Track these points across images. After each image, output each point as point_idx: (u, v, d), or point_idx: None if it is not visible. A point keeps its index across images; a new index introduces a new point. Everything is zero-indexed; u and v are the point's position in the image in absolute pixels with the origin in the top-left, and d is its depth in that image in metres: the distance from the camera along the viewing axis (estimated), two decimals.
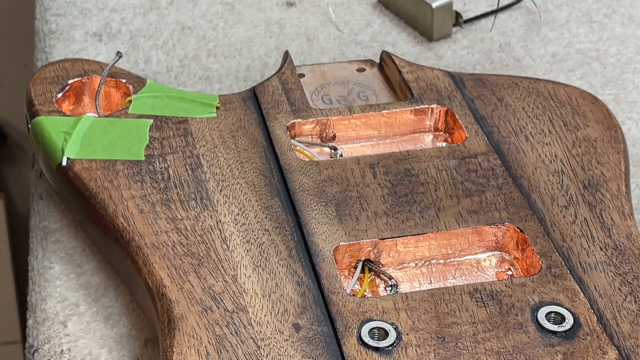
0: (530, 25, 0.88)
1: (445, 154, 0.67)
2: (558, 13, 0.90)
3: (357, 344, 0.54)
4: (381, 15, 0.90)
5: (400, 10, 0.89)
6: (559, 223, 0.62)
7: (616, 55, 0.84)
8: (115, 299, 0.64)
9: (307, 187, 0.64)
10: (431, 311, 0.56)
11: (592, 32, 0.87)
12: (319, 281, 0.58)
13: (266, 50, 0.85)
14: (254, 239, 0.61)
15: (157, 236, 0.60)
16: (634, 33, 0.87)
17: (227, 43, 0.86)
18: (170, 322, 0.55)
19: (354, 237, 0.61)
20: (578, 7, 0.90)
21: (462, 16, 0.87)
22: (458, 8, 0.87)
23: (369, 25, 0.88)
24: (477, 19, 0.89)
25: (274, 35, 0.87)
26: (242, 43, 0.86)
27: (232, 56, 0.85)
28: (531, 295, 0.57)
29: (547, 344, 0.54)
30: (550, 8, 0.90)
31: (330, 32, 0.87)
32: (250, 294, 0.57)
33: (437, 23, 0.86)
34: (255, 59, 0.84)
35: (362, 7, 0.91)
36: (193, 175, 0.65)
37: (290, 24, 0.89)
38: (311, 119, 0.70)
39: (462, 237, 0.62)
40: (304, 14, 0.90)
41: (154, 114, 0.69)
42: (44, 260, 0.67)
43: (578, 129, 0.69)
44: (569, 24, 0.88)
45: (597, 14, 0.89)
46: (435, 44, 0.86)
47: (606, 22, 0.88)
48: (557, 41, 0.86)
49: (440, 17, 0.86)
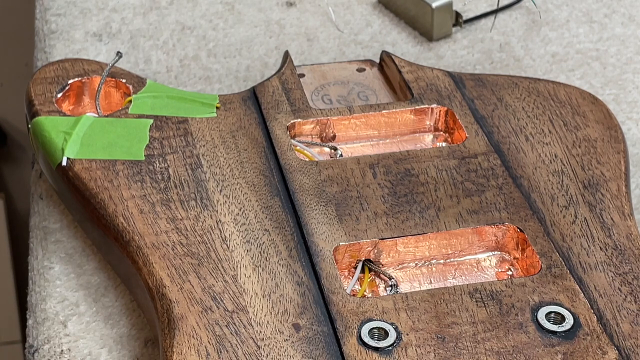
0: (530, 25, 0.88)
1: (445, 154, 0.67)
2: (558, 13, 0.90)
3: (357, 344, 0.54)
4: (381, 15, 0.90)
5: (400, 10, 0.89)
6: (559, 223, 0.62)
7: (616, 55, 0.84)
8: (115, 299, 0.64)
9: (307, 187, 0.64)
10: (431, 311, 0.56)
11: (592, 32, 0.87)
12: (319, 281, 0.58)
13: (266, 50, 0.85)
14: (254, 239, 0.61)
15: (157, 236, 0.60)
16: (634, 33, 0.87)
17: (227, 43, 0.86)
18: (170, 322, 0.55)
19: (354, 237, 0.61)
20: (578, 7, 0.90)
21: (462, 16, 0.87)
22: (458, 8, 0.87)
23: (369, 25, 0.89)
24: (477, 19, 0.89)
25: (274, 35, 0.87)
26: (242, 43, 0.86)
27: (232, 56, 0.85)
28: (531, 295, 0.57)
29: (547, 344, 0.54)
30: (550, 8, 0.90)
31: (330, 32, 0.87)
32: (250, 294, 0.57)
33: (437, 23, 0.86)
34: (255, 59, 0.84)
35: (362, 7, 0.91)
36: (193, 175, 0.65)
37: (290, 24, 0.89)
38: (311, 119, 0.70)
39: (462, 237, 0.62)
40: (304, 14, 0.90)
41: (154, 114, 0.69)
42: (44, 260, 0.67)
43: (578, 129, 0.69)
44: (569, 24, 0.88)
45: (597, 14, 0.89)
46: (435, 44, 0.86)
47: (606, 22, 0.88)
48: (557, 41, 0.86)
49: (440, 17, 0.86)
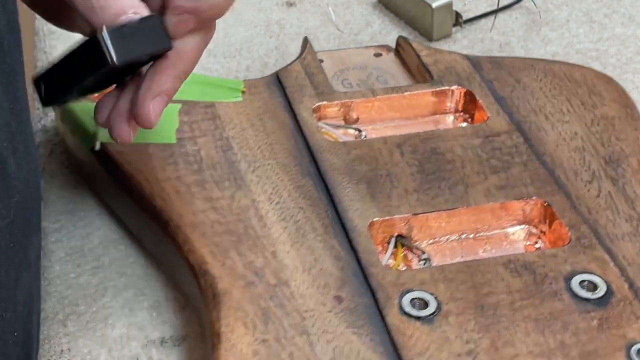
0: (530, 25, 0.88)
1: (469, 133, 0.68)
2: (558, 13, 0.90)
3: (399, 314, 0.56)
4: (381, 15, 0.90)
5: (400, 10, 0.89)
6: (584, 197, 0.64)
7: (616, 55, 0.84)
8: (115, 299, 0.64)
9: (338, 166, 0.65)
10: (468, 282, 0.58)
11: (592, 32, 0.87)
12: (357, 255, 0.59)
13: (266, 50, 0.85)
14: (289, 216, 0.62)
15: (195, 215, 0.62)
16: (634, 33, 0.87)
17: (227, 43, 0.86)
18: (215, 297, 0.57)
19: (387, 213, 0.62)
20: (578, 7, 0.90)
21: (462, 16, 0.87)
22: (458, 8, 0.87)
23: (369, 25, 0.89)
24: (477, 19, 0.89)
25: (274, 35, 0.87)
26: (242, 43, 0.86)
27: (232, 56, 0.85)
28: (563, 265, 0.59)
29: (582, 310, 0.56)
30: (550, 8, 0.90)
31: (330, 32, 0.88)
32: (291, 269, 0.59)
33: (437, 23, 0.85)
34: (255, 59, 0.84)
35: (362, 7, 0.91)
36: (225, 157, 0.66)
37: (290, 24, 0.89)
38: (336, 102, 0.71)
39: (492, 211, 0.63)
40: (304, 14, 0.90)
41: (181, 98, 0.71)
42: (44, 260, 0.67)
43: (595, 107, 0.71)
44: (569, 24, 0.88)
45: (597, 14, 0.90)
46: (435, 44, 0.86)
47: (606, 22, 0.88)
48: (557, 41, 0.86)
49: (440, 17, 0.86)
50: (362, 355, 0.54)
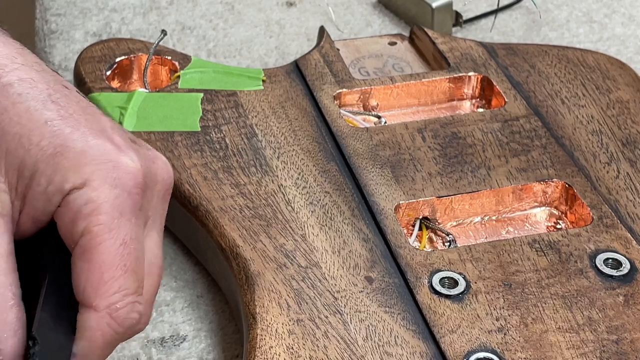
0: (530, 25, 0.88)
1: (488, 117, 0.70)
2: (558, 13, 0.90)
3: (429, 293, 0.57)
4: (381, 15, 0.90)
5: (400, 10, 0.89)
6: (603, 178, 0.65)
7: (616, 55, 0.83)
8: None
9: (361, 151, 0.67)
10: (495, 261, 0.59)
11: (592, 32, 0.87)
12: (385, 237, 0.60)
13: (266, 50, 0.85)
14: (316, 200, 0.63)
15: (224, 200, 0.63)
16: (634, 33, 0.87)
17: (227, 43, 0.86)
18: (248, 279, 0.58)
19: (412, 196, 0.63)
20: (578, 7, 0.90)
21: (462, 16, 0.86)
22: (458, 8, 0.87)
23: (369, 25, 0.89)
24: (477, 19, 0.88)
25: (274, 35, 0.87)
26: (242, 43, 0.86)
27: (232, 56, 0.84)
28: (587, 243, 0.60)
29: (608, 287, 0.57)
30: (550, 8, 0.90)
31: (330, 32, 0.87)
32: (321, 251, 0.60)
33: (437, 23, 0.85)
34: (255, 59, 0.84)
35: (362, 7, 0.91)
36: (249, 143, 0.67)
37: (290, 24, 0.89)
38: (356, 89, 0.72)
39: (514, 193, 0.64)
40: (304, 14, 0.90)
41: (203, 87, 0.72)
42: None
43: (610, 91, 0.73)
44: (569, 24, 0.88)
45: (597, 14, 0.89)
46: None
47: (606, 22, 0.88)
48: (557, 41, 0.86)
49: (440, 17, 0.85)
50: (395, 333, 0.55)
